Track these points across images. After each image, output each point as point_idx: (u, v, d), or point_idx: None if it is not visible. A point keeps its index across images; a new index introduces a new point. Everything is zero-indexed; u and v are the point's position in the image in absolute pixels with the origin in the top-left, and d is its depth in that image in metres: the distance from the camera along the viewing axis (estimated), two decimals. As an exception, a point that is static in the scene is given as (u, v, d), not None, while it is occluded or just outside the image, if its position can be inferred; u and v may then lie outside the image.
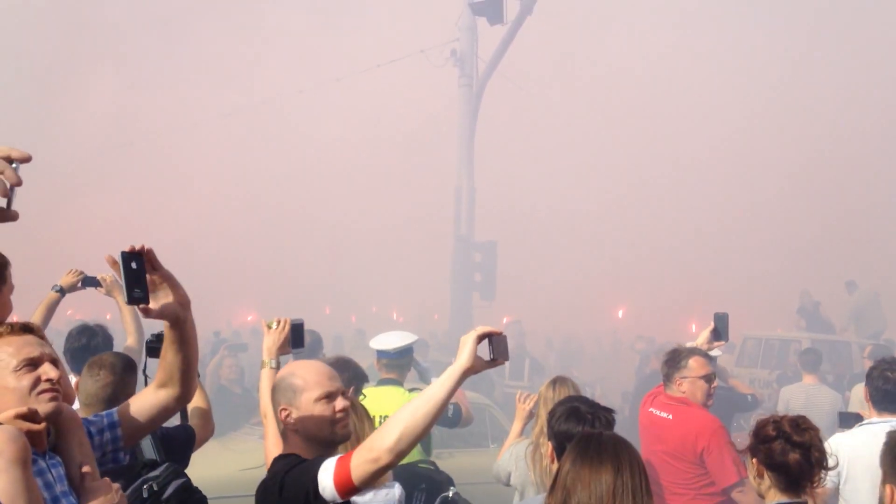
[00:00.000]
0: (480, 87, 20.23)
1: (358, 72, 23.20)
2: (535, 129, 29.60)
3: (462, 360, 2.70)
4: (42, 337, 2.67)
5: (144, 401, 2.77)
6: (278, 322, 3.89)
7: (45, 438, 2.53)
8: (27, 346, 2.57)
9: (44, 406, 2.51)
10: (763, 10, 29.54)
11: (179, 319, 2.58)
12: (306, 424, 2.94)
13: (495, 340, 2.77)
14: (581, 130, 29.63)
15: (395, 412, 2.70)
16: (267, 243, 29.92)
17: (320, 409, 2.93)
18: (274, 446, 3.20)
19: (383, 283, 27.72)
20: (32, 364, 2.54)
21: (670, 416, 5.27)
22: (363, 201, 30.25)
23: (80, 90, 32.03)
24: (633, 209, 29.25)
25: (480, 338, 2.73)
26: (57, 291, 4.89)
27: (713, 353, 7.37)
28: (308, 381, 2.96)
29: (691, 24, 30.10)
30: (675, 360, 5.39)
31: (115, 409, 2.76)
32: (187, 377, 2.76)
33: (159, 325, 2.71)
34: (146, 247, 2.46)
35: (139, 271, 2.44)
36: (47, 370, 2.54)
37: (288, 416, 2.95)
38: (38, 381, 2.53)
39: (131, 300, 2.45)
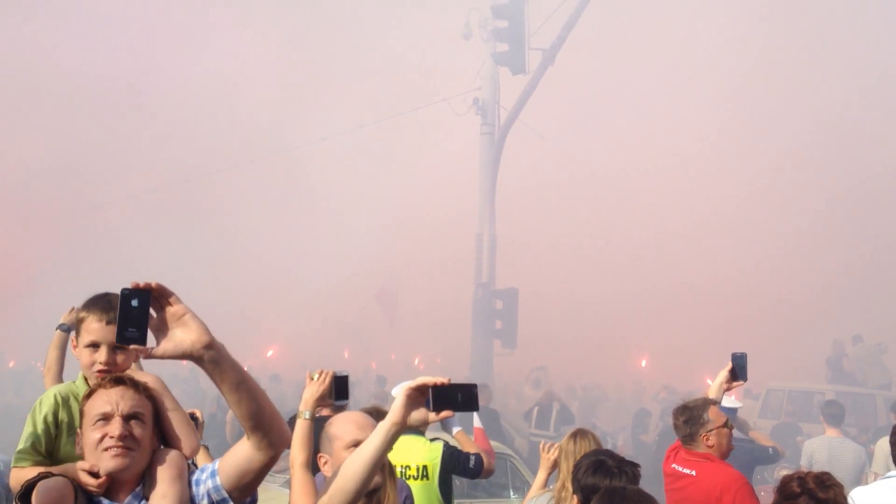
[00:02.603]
0: (502, 135, 20.38)
1: (381, 119, 23.46)
2: (557, 176, 29.70)
3: (389, 415, 2.60)
4: (136, 387, 2.73)
5: (234, 449, 2.65)
6: (320, 373, 3.86)
7: (130, 488, 2.64)
8: (105, 401, 2.65)
9: (105, 462, 2.59)
10: (801, 68, 29.48)
11: (195, 359, 2.35)
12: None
13: (438, 392, 2.55)
14: (602, 178, 29.71)
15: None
16: (287, 286, 30.03)
17: (345, 457, 2.97)
18: (299, 497, 3.22)
19: (403, 329, 27.71)
20: (105, 419, 2.63)
21: (694, 473, 5.19)
22: (384, 246, 30.35)
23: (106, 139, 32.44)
24: (656, 257, 29.18)
25: (415, 390, 2.55)
26: (64, 330, 4.96)
27: (734, 404, 7.32)
28: (340, 429, 3.09)
29: (715, 73, 30.23)
30: (696, 417, 5.27)
31: (218, 458, 2.77)
32: (255, 424, 2.50)
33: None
34: (154, 283, 2.29)
35: (140, 309, 2.26)
36: (113, 427, 2.61)
37: (325, 463, 3.10)
38: (104, 436, 2.60)
39: (121, 339, 2.24)
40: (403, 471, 5.49)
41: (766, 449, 7.45)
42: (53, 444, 2.90)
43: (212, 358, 2.35)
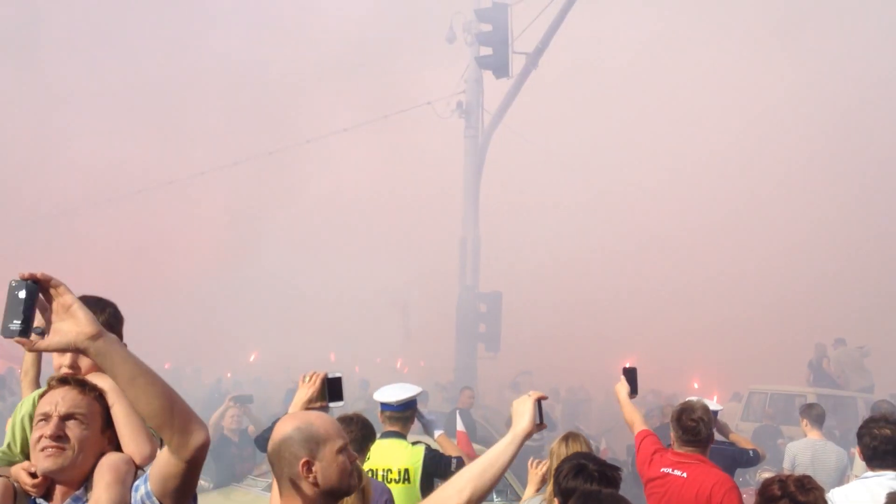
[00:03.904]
0: (486, 139, 20.41)
1: (365, 122, 23.41)
2: (541, 180, 29.71)
3: (525, 424, 2.90)
4: (81, 388, 2.73)
5: (160, 452, 2.61)
6: (311, 376, 3.83)
7: (71, 490, 2.64)
8: (48, 401, 2.67)
9: (40, 462, 2.61)
10: (795, 75, 29.34)
11: (81, 351, 2.29)
12: (329, 476, 2.80)
13: (541, 405, 2.99)
14: (586, 182, 29.74)
15: (462, 472, 2.84)
16: (272, 289, 29.92)
17: (341, 461, 2.81)
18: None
19: (388, 332, 27.65)
20: (45, 419, 2.64)
21: (685, 475, 5.19)
22: (368, 250, 30.28)
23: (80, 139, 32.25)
24: (640, 260, 29.23)
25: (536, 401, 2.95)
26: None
27: (715, 407, 7.35)
28: (329, 431, 2.84)
29: (699, 78, 30.28)
30: (712, 419, 5.40)
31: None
32: (157, 424, 2.41)
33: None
34: (40, 273, 2.25)
35: (26, 301, 2.19)
36: (49, 427, 2.62)
37: (310, 468, 2.79)
38: (41, 436, 2.61)
39: (5, 332, 2.19)
40: (385, 474, 5.47)
41: (747, 451, 7.46)
42: (29, 445, 2.91)
43: (98, 350, 2.28)
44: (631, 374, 5.79)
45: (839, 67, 28.69)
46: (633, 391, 5.79)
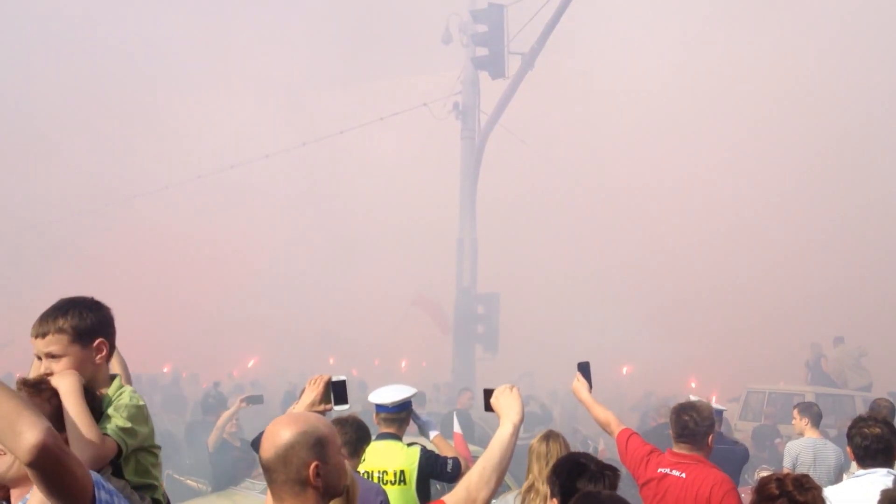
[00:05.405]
0: (482, 140, 20.38)
1: (361, 125, 23.37)
2: (538, 181, 29.70)
3: (521, 414, 3.29)
4: (32, 389, 2.77)
5: None
6: (315, 380, 3.84)
7: (23, 493, 2.64)
8: None
9: None
10: (796, 78, 29.20)
11: None
12: (332, 477, 2.77)
13: None
14: (583, 183, 29.72)
15: (482, 462, 3.08)
16: (271, 293, 29.90)
17: (342, 460, 2.81)
18: None
19: (386, 334, 27.65)
20: None
21: (684, 475, 5.16)
22: (366, 252, 30.27)
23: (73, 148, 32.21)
24: (639, 262, 29.20)
25: None
26: None
27: (719, 407, 7.33)
28: (332, 433, 2.81)
29: (696, 78, 30.25)
30: (709, 418, 5.35)
31: None
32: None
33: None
34: None
35: None
36: None
37: (318, 471, 2.74)
38: None
39: None
40: (381, 476, 5.44)
41: (744, 448, 7.50)
42: None
43: None
44: (585, 369, 5.75)
45: (838, 77, 28.72)
46: (589, 387, 5.78)
